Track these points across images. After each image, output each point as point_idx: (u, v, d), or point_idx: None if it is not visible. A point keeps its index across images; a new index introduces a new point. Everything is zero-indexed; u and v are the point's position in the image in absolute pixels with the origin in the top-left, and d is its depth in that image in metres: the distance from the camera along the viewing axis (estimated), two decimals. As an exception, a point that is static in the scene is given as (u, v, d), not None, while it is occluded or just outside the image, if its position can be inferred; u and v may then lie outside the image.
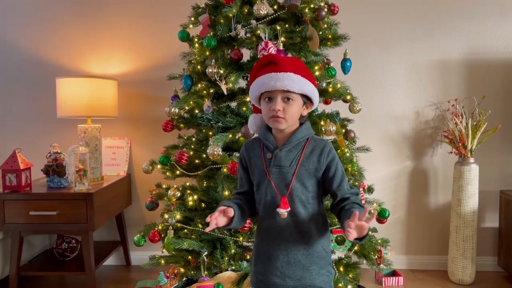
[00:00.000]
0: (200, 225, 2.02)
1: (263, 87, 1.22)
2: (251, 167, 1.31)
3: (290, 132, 1.26)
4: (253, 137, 1.41)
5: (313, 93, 1.26)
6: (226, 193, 1.87)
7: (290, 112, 1.22)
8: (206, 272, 1.93)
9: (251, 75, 1.33)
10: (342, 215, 1.23)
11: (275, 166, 1.24)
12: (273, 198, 1.24)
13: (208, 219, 1.15)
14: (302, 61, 1.32)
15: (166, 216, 2.04)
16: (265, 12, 1.82)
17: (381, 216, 2.00)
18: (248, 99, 1.91)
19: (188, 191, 2.02)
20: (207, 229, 1.18)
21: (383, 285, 2.56)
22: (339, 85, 1.98)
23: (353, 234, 1.07)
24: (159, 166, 2.08)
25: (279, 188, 1.23)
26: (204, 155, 1.97)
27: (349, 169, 1.97)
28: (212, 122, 2.04)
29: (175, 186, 2.07)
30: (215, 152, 1.76)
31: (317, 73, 1.89)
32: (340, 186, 1.26)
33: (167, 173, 2.06)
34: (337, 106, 2.14)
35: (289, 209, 1.21)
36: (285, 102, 1.21)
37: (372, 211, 1.92)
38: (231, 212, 1.19)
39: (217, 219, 1.16)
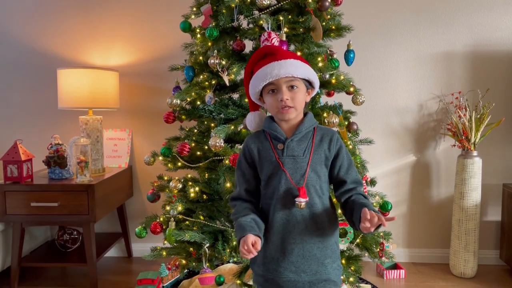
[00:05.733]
0: (201, 217, 2.02)
1: (266, 77, 1.20)
2: (260, 161, 1.26)
3: (297, 122, 1.26)
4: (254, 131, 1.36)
5: (315, 76, 1.26)
6: (228, 185, 1.86)
7: (297, 100, 1.21)
8: (207, 264, 1.93)
9: (246, 71, 1.30)
10: (349, 207, 1.23)
11: (289, 156, 1.22)
12: (288, 190, 1.21)
13: (248, 254, 1.10)
14: None
15: (167, 207, 2.03)
16: (268, 2, 1.80)
17: (384, 209, 2.01)
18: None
19: (190, 183, 2.02)
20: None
21: (385, 278, 2.55)
22: (342, 77, 1.95)
23: (371, 228, 1.10)
24: (160, 158, 2.07)
25: (294, 178, 1.21)
26: (206, 147, 1.96)
27: (352, 161, 1.96)
28: (214, 114, 2.03)
29: (176, 178, 2.06)
30: (217, 144, 1.75)
31: (320, 64, 1.87)
32: (348, 173, 1.26)
33: (169, 165, 2.05)
34: (340, 98, 2.12)
35: (308, 199, 1.19)
36: (290, 91, 1.21)
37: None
38: (259, 245, 1.13)
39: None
